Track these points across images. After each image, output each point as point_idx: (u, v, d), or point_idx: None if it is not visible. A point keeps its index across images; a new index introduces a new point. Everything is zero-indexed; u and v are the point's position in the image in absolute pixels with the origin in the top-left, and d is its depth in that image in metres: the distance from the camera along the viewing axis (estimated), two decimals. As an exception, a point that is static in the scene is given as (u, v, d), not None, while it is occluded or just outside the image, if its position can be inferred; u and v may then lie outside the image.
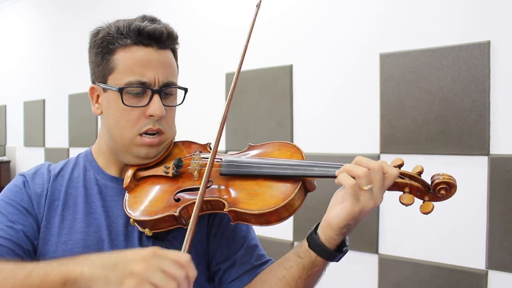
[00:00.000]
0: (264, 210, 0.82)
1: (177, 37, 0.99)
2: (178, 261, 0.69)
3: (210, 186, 0.90)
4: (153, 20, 0.97)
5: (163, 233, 0.93)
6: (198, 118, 2.43)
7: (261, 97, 2.29)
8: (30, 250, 0.91)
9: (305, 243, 0.84)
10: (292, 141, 2.18)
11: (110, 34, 0.94)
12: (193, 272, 0.70)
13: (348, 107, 2.01)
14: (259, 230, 1.06)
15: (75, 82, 3.48)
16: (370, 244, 1.91)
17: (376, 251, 1.90)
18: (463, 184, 1.66)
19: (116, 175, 1.01)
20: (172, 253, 0.70)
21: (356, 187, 0.77)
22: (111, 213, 0.97)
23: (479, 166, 1.65)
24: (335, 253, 0.82)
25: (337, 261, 0.84)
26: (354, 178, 0.77)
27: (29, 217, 0.93)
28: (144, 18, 0.96)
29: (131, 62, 0.92)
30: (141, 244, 0.95)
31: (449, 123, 1.70)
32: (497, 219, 1.61)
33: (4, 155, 4.44)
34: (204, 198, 0.87)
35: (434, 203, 0.80)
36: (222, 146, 2.42)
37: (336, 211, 0.80)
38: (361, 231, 1.93)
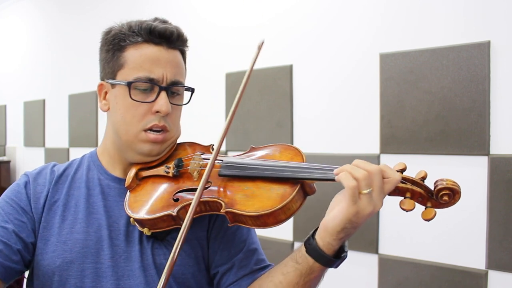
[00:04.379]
0: (261, 211, 0.81)
1: (186, 40, 1.01)
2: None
3: (209, 187, 0.90)
4: (164, 21, 0.99)
5: (163, 233, 0.93)
6: (197, 118, 2.43)
7: (261, 97, 2.29)
8: (20, 248, 0.92)
9: (302, 248, 0.83)
10: (292, 141, 2.19)
11: (122, 32, 0.96)
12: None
13: (348, 107, 2.01)
14: (258, 230, 1.05)
15: (75, 82, 3.48)
16: (370, 244, 1.91)
17: (376, 251, 1.90)
18: (463, 184, 1.66)
19: (120, 176, 1.02)
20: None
21: (356, 190, 0.75)
22: (112, 213, 0.98)
23: (479, 166, 1.65)
24: (333, 259, 0.80)
25: (336, 267, 0.82)
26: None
27: (24, 216, 0.95)
28: (156, 19, 0.99)
29: (140, 58, 0.94)
30: (141, 244, 0.95)
31: (449, 123, 1.70)
32: (497, 219, 1.61)
33: (4, 155, 4.44)
34: (202, 199, 0.87)
35: (436, 209, 0.78)
36: (222, 147, 2.41)
37: (333, 214, 0.78)
38: (361, 231, 1.93)
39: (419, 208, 0.80)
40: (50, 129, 3.80)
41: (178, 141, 1.06)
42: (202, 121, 2.45)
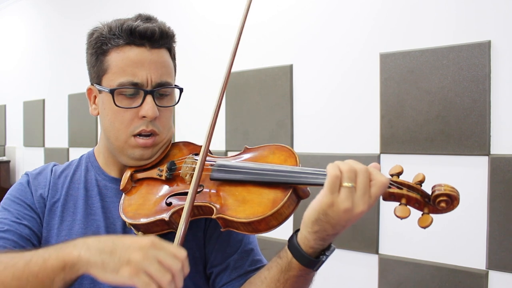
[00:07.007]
0: (252, 218, 0.79)
1: (173, 36, 0.97)
2: (175, 254, 0.69)
3: (201, 190, 0.88)
4: (148, 19, 0.95)
5: (158, 237, 0.92)
6: (199, 118, 2.43)
7: (261, 97, 2.29)
8: (36, 244, 0.92)
9: (286, 243, 0.81)
10: (292, 141, 2.18)
11: (103, 35, 0.93)
12: (187, 268, 0.70)
13: (348, 107, 2.00)
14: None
15: (74, 82, 3.47)
16: (370, 244, 1.91)
17: (376, 251, 1.90)
18: (463, 184, 1.67)
19: (116, 176, 1.01)
20: (170, 246, 0.71)
21: (337, 179, 0.72)
22: (110, 214, 0.97)
23: (479, 166, 1.64)
24: (308, 256, 0.76)
25: (315, 269, 0.78)
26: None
27: (33, 213, 0.95)
28: (138, 17, 0.95)
29: (123, 62, 0.91)
30: None
31: (449, 123, 1.70)
32: (497, 219, 1.61)
33: (4, 155, 4.43)
34: (195, 203, 0.85)
35: (433, 215, 0.74)
36: (221, 146, 2.42)
37: (311, 203, 0.75)
38: (361, 231, 1.93)
39: (416, 213, 0.75)
40: (49, 129, 3.79)
41: (174, 140, 1.04)
42: (203, 120, 2.45)
